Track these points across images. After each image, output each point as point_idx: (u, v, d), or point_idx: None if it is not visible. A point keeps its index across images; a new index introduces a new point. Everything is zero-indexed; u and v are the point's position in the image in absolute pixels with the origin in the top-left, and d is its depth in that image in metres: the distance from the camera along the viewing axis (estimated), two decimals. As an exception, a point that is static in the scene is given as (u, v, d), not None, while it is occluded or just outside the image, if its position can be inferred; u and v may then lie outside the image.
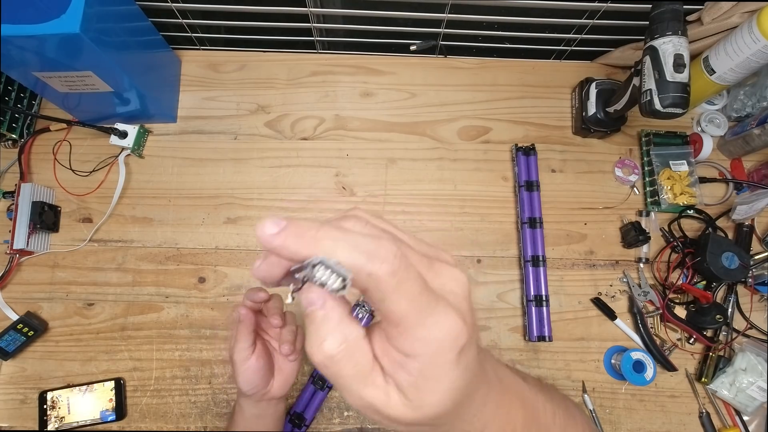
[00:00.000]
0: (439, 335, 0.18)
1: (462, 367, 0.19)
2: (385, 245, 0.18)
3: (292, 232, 0.18)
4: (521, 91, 0.74)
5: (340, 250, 0.17)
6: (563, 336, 0.64)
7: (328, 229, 0.18)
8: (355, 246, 0.18)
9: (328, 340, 0.18)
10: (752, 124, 0.64)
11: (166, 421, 0.61)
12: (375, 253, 0.17)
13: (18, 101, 0.67)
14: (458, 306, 0.19)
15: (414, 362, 0.18)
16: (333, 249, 0.17)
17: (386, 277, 0.17)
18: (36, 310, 0.64)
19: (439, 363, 0.18)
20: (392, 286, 0.17)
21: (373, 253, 0.17)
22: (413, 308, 0.18)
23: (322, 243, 0.18)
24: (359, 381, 0.19)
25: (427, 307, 0.18)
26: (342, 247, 0.17)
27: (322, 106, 0.72)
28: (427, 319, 0.18)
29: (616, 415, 0.62)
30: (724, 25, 0.59)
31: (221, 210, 0.68)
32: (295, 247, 0.18)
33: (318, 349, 0.18)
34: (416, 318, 0.18)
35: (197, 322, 0.64)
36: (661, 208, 0.67)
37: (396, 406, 0.19)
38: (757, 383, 0.59)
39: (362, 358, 0.19)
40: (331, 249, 0.17)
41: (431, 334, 0.18)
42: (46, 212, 0.64)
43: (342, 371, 0.19)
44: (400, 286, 0.17)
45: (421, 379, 0.18)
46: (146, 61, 0.65)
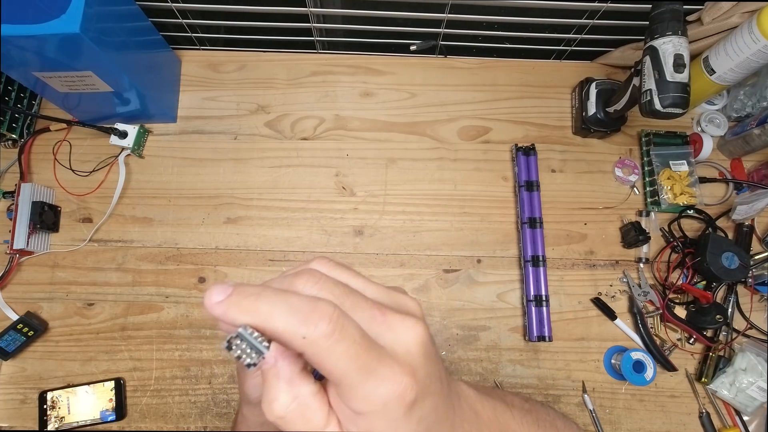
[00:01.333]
0: (383, 393, 0.18)
1: (415, 420, 0.19)
2: (320, 307, 0.18)
3: (234, 301, 0.18)
4: (521, 91, 0.74)
5: (275, 315, 0.17)
6: (563, 336, 0.64)
7: (268, 294, 0.18)
8: (290, 310, 0.18)
9: (277, 400, 0.18)
10: (752, 124, 0.64)
11: (166, 421, 0.61)
12: (309, 316, 0.17)
13: (18, 101, 0.67)
14: (409, 360, 0.19)
15: (362, 420, 0.18)
16: (269, 315, 0.17)
17: (320, 340, 0.17)
18: (36, 310, 0.64)
19: (388, 419, 0.18)
20: (327, 348, 0.17)
21: (307, 316, 0.17)
22: (352, 368, 0.17)
23: (259, 310, 0.18)
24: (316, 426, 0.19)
25: (367, 366, 0.18)
26: (278, 312, 0.17)
27: (322, 106, 0.72)
28: (369, 379, 0.18)
29: (616, 415, 0.62)
30: (724, 25, 0.59)
31: (221, 210, 0.68)
32: (234, 316, 0.18)
33: (269, 408, 0.18)
34: (356, 378, 0.18)
35: (197, 322, 0.64)
36: (661, 208, 0.67)
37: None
38: (757, 383, 0.59)
39: (315, 415, 0.19)
40: (266, 315, 0.17)
41: (374, 392, 0.18)
42: (46, 212, 0.64)
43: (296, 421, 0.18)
44: (335, 347, 0.17)
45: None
46: (146, 61, 0.65)
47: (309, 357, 0.18)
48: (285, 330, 0.17)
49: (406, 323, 0.20)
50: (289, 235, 0.67)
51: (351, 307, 0.19)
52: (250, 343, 0.18)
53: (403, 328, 0.20)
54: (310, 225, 0.68)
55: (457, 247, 0.67)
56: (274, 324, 0.17)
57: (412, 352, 0.19)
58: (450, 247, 0.67)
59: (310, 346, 0.17)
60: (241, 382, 0.45)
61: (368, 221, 0.68)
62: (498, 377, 0.63)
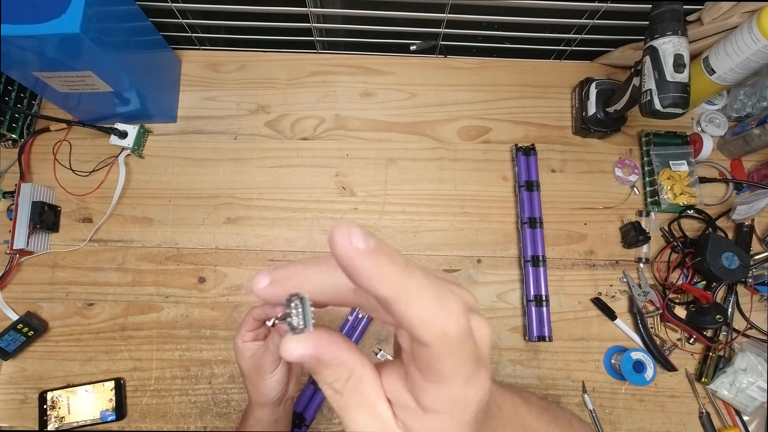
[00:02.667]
0: (472, 396, 0.17)
1: (477, 423, 0.18)
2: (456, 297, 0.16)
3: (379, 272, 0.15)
4: (521, 91, 0.74)
5: (419, 300, 0.15)
6: (563, 336, 0.64)
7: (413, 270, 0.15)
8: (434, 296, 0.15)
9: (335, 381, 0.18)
10: (752, 124, 0.64)
11: (166, 421, 0.61)
12: (449, 307, 0.15)
13: (18, 101, 0.67)
14: (487, 362, 0.18)
15: (432, 419, 0.17)
16: (413, 298, 0.15)
17: (458, 336, 0.16)
18: (36, 310, 0.64)
19: (458, 423, 0.17)
20: (458, 348, 0.16)
21: (448, 306, 0.15)
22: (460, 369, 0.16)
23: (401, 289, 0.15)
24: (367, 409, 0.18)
25: (473, 367, 0.17)
26: (419, 298, 0.15)
27: (322, 106, 0.72)
28: (470, 382, 0.17)
29: (616, 415, 0.62)
30: (724, 25, 0.59)
31: (221, 210, 0.68)
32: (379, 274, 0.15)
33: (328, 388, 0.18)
34: (459, 378, 0.16)
35: (197, 322, 0.64)
36: (661, 208, 0.67)
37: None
38: (757, 383, 0.59)
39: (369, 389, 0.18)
40: (411, 297, 0.15)
41: (465, 395, 0.17)
42: (46, 212, 0.64)
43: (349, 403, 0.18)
44: (460, 346, 0.16)
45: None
46: (146, 61, 0.65)
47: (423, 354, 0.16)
48: (423, 315, 0.15)
49: (479, 322, 0.19)
50: (289, 235, 0.67)
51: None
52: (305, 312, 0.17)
53: (479, 329, 0.18)
54: (310, 225, 0.68)
55: (457, 247, 0.67)
56: (416, 309, 0.15)
57: (486, 353, 0.19)
58: (450, 247, 0.68)
59: (442, 345, 0.15)
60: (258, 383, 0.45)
61: (368, 221, 0.68)
62: (498, 377, 0.63)
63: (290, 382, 0.48)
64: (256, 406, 0.47)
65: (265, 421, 0.48)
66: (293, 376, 0.48)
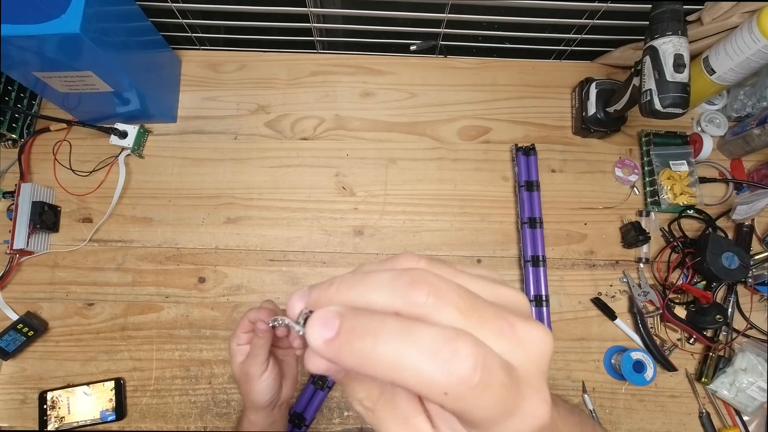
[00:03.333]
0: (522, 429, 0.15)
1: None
2: (463, 349, 0.14)
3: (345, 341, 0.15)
4: (521, 91, 0.74)
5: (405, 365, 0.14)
6: (563, 336, 0.64)
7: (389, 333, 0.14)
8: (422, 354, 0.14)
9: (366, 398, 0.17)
10: (752, 124, 0.64)
11: (166, 421, 0.61)
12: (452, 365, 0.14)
13: (18, 101, 0.67)
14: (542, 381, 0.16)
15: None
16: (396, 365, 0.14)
17: (466, 392, 0.14)
18: (36, 310, 0.64)
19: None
20: (472, 400, 0.14)
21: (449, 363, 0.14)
22: (497, 414, 0.15)
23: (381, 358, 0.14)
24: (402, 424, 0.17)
25: (513, 407, 0.15)
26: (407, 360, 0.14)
27: (322, 106, 0.72)
28: (511, 418, 0.15)
29: (616, 415, 0.62)
30: (724, 25, 0.59)
31: (221, 210, 0.68)
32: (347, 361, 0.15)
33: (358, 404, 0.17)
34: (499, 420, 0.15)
35: (197, 322, 0.64)
36: (661, 208, 0.67)
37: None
38: (757, 383, 0.59)
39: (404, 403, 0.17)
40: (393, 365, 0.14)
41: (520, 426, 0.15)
42: (46, 212, 0.64)
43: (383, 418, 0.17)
44: (482, 397, 0.14)
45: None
46: (146, 61, 0.65)
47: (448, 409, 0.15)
48: (419, 384, 0.14)
49: (535, 335, 0.16)
50: (289, 235, 0.67)
51: (477, 323, 0.16)
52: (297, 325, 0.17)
53: (532, 342, 0.16)
54: (310, 225, 0.68)
55: (457, 247, 0.67)
56: (402, 377, 0.14)
57: (543, 370, 0.17)
58: (450, 247, 0.67)
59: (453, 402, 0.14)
60: (248, 389, 0.45)
61: (368, 221, 0.68)
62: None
63: (284, 387, 0.47)
64: (250, 409, 0.47)
65: (260, 424, 0.48)
66: (288, 380, 0.48)
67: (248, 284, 0.66)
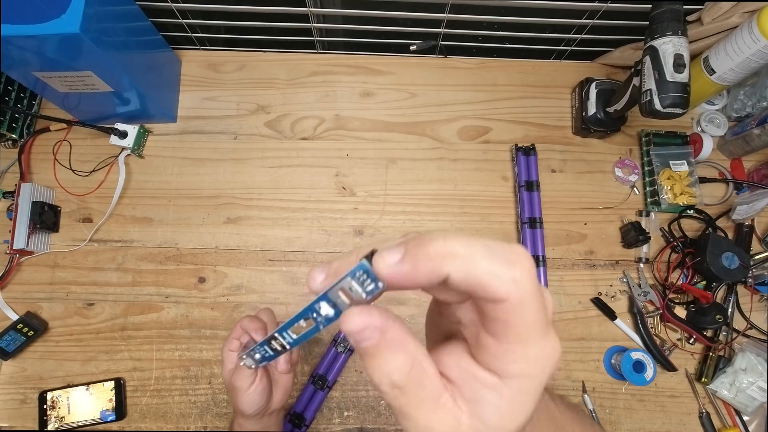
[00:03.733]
0: (549, 355, 0.17)
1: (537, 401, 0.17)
2: (518, 249, 0.16)
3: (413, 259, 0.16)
4: (521, 91, 0.74)
5: (479, 258, 0.15)
6: (563, 336, 0.64)
7: (458, 236, 0.16)
8: (491, 253, 0.15)
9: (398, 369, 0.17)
10: (752, 124, 0.64)
11: (166, 421, 0.61)
12: (513, 259, 0.15)
13: (18, 101, 0.67)
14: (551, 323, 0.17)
15: (510, 387, 0.17)
16: (470, 259, 0.15)
17: (530, 284, 0.15)
18: (36, 310, 0.64)
19: (532, 388, 0.17)
20: (534, 296, 0.15)
21: (510, 258, 0.15)
22: (537, 326, 0.16)
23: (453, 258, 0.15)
24: (429, 407, 0.17)
25: (546, 324, 0.16)
26: (478, 255, 0.15)
27: (322, 106, 0.72)
28: (545, 338, 0.16)
29: (616, 415, 0.62)
30: (724, 25, 0.59)
31: (221, 210, 0.68)
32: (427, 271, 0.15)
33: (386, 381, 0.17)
34: (538, 335, 0.16)
35: (197, 322, 0.64)
36: (661, 208, 0.67)
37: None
38: (757, 383, 0.59)
39: (431, 382, 0.17)
40: (468, 259, 0.15)
41: (543, 353, 0.16)
42: (46, 212, 0.64)
43: (412, 400, 0.17)
44: (538, 296, 0.16)
45: (508, 404, 0.17)
46: (146, 61, 0.65)
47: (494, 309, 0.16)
48: (490, 270, 0.15)
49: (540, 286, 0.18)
50: (289, 235, 0.67)
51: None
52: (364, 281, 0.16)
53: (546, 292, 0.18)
54: (310, 225, 0.68)
55: (457, 247, 0.67)
56: (476, 267, 0.15)
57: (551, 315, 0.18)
58: (450, 247, 0.67)
59: (518, 289, 0.15)
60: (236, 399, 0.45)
61: (368, 221, 0.68)
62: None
63: (274, 396, 0.47)
64: (239, 416, 0.47)
65: (248, 429, 0.47)
66: (279, 389, 0.48)
67: (248, 284, 0.66)
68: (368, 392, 0.63)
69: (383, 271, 0.16)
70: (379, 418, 0.62)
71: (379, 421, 0.62)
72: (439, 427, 0.17)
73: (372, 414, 0.62)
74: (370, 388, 0.63)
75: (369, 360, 0.17)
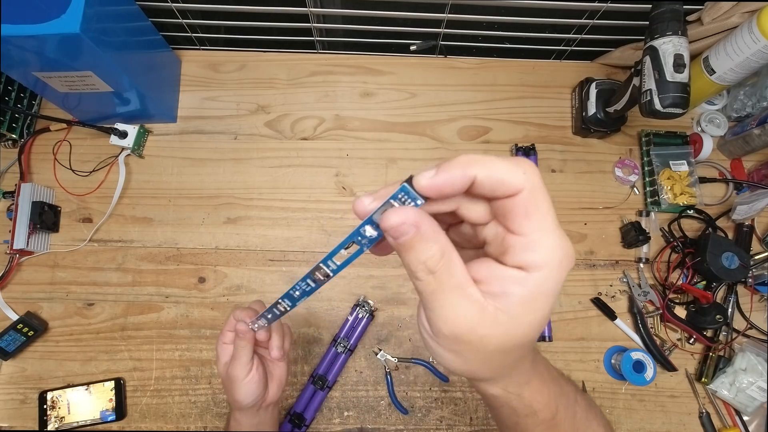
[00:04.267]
0: (565, 248, 0.20)
1: (556, 297, 0.21)
2: (523, 158, 0.20)
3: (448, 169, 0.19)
4: (521, 91, 0.74)
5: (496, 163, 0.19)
6: (563, 336, 0.64)
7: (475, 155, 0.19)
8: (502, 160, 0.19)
9: (431, 257, 0.19)
10: (752, 124, 0.64)
11: (166, 421, 0.61)
12: (521, 161, 0.19)
13: (18, 101, 0.67)
14: None
15: (533, 276, 0.19)
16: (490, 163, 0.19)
17: (539, 178, 0.19)
18: (36, 310, 0.64)
19: (551, 281, 0.20)
20: (539, 189, 0.19)
21: (519, 161, 0.19)
22: (552, 215, 0.20)
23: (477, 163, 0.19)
24: (457, 294, 0.20)
25: (555, 221, 0.20)
26: (496, 161, 0.19)
27: (322, 106, 0.72)
28: (557, 231, 0.20)
29: (616, 415, 0.62)
30: (724, 25, 0.59)
31: (221, 210, 0.68)
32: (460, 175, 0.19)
33: (422, 269, 0.20)
34: (552, 226, 0.20)
35: (197, 322, 0.64)
36: (661, 208, 0.67)
37: (491, 323, 0.20)
38: (757, 383, 0.59)
39: (459, 271, 0.20)
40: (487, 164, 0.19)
41: (560, 244, 0.20)
42: (46, 212, 0.64)
43: (443, 285, 0.20)
44: (543, 191, 0.19)
45: (531, 295, 0.20)
46: (146, 61, 0.65)
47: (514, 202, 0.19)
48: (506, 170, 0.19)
49: None
50: (289, 235, 0.67)
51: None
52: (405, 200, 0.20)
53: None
54: (310, 225, 0.68)
55: (457, 247, 0.67)
56: (496, 169, 0.19)
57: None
58: (450, 247, 0.67)
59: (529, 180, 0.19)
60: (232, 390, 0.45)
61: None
62: (498, 377, 0.63)
63: (270, 388, 0.47)
64: (235, 409, 0.47)
65: (245, 423, 0.48)
66: (275, 382, 0.48)
67: (248, 284, 0.66)
68: (368, 392, 0.63)
69: (424, 183, 0.19)
70: (379, 418, 0.62)
71: (379, 421, 0.62)
72: (464, 313, 0.20)
73: (372, 414, 0.62)
74: (370, 387, 0.63)
75: (406, 252, 0.20)
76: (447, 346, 0.22)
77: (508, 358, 0.23)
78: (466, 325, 0.20)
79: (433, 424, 0.62)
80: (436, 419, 0.62)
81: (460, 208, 0.22)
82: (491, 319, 0.20)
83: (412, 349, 0.64)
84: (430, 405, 0.62)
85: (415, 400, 0.62)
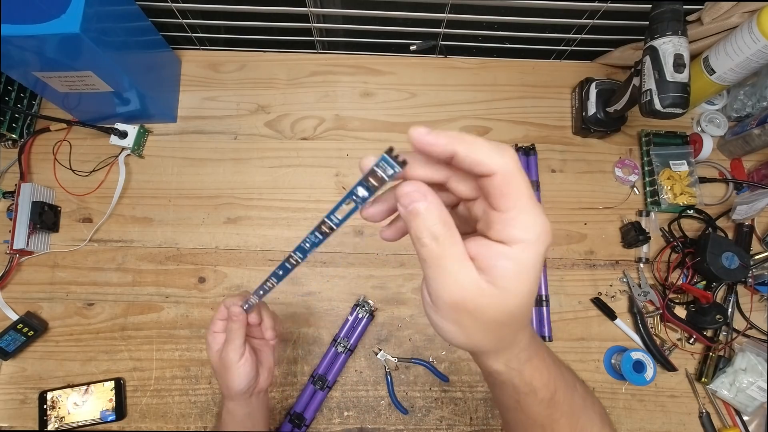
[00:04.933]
0: (541, 225, 0.22)
1: (539, 270, 0.22)
2: (506, 145, 0.22)
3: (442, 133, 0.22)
4: (521, 91, 0.74)
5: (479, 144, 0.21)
6: (563, 336, 0.64)
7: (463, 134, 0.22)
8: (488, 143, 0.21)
9: (435, 223, 0.22)
10: (752, 124, 0.64)
11: (166, 421, 0.61)
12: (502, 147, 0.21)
13: (18, 101, 0.67)
14: None
15: (515, 249, 0.22)
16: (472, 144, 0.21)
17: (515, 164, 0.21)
18: (36, 310, 0.64)
19: (533, 254, 0.22)
20: (518, 172, 0.21)
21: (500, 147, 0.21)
22: (528, 196, 0.21)
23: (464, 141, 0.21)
24: (459, 261, 0.22)
25: (534, 200, 0.22)
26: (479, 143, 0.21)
27: (322, 106, 0.72)
28: (534, 210, 0.22)
29: (616, 415, 0.62)
30: (724, 25, 0.59)
31: (221, 210, 0.68)
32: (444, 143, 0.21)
33: (428, 233, 0.22)
34: (527, 205, 0.21)
35: (197, 322, 0.64)
36: (661, 208, 0.67)
37: (485, 294, 0.22)
38: (757, 383, 0.59)
39: (459, 241, 0.22)
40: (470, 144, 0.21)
41: (536, 221, 0.21)
42: (46, 212, 0.64)
43: (446, 251, 0.22)
44: (522, 174, 0.21)
45: (516, 267, 0.22)
46: (146, 61, 0.65)
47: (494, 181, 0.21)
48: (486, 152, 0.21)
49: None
50: (289, 235, 0.67)
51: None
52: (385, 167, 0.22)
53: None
54: (310, 225, 0.67)
55: (457, 247, 0.67)
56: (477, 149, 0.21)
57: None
58: (450, 247, 0.67)
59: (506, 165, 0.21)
60: (226, 376, 0.46)
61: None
62: (498, 377, 0.63)
63: (260, 375, 0.48)
64: (228, 399, 0.48)
65: (238, 413, 0.49)
66: (265, 368, 0.49)
67: (248, 284, 0.66)
68: (368, 392, 0.63)
69: (415, 134, 0.22)
70: (379, 418, 0.62)
71: (379, 421, 0.62)
72: (463, 282, 0.22)
73: (372, 414, 0.62)
74: (370, 387, 0.63)
75: (414, 219, 0.22)
76: (448, 316, 0.23)
77: (505, 328, 0.25)
78: (464, 294, 0.22)
79: (433, 424, 0.62)
80: (436, 419, 0.62)
81: (450, 181, 0.24)
82: (486, 289, 0.22)
83: (412, 349, 0.64)
84: (430, 405, 0.62)
85: (415, 400, 0.62)
